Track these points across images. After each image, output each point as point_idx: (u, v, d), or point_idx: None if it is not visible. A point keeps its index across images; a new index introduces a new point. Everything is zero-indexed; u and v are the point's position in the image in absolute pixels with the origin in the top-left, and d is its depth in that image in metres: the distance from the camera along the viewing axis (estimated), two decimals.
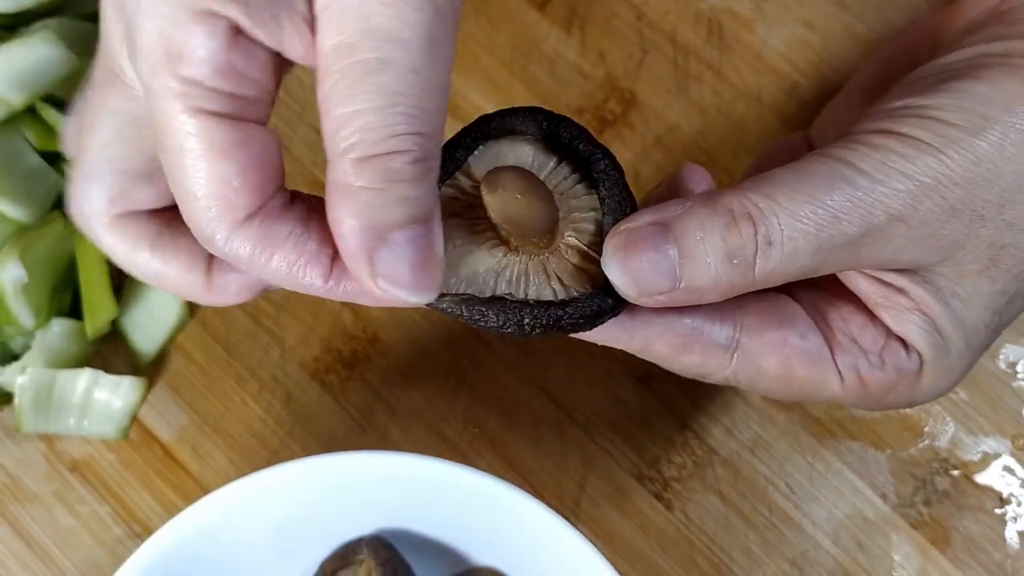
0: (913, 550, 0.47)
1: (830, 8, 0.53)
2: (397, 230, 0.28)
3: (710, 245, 0.30)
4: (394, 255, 0.28)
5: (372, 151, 0.27)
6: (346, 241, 0.28)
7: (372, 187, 0.28)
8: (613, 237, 0.31)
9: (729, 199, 0.31)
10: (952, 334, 0.33)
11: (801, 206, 0.30)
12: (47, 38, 0.47)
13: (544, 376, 0.49)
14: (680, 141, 0.52)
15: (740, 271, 0.30)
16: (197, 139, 0.28)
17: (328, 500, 0.43)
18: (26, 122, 0.48)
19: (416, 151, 0.28)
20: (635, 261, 0.31)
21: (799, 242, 0.30)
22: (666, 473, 0.48)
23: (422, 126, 0.28)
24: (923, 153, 0.31)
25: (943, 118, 0.31)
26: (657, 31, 0.53)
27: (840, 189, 0.30)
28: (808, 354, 0.34)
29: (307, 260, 0.30)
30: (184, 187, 0.29)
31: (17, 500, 0.49)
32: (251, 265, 0.30)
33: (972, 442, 0.48)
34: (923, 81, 0.33)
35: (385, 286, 0.28)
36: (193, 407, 0.50)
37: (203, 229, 0.30)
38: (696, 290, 0.31)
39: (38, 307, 0.47)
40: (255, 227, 0.30)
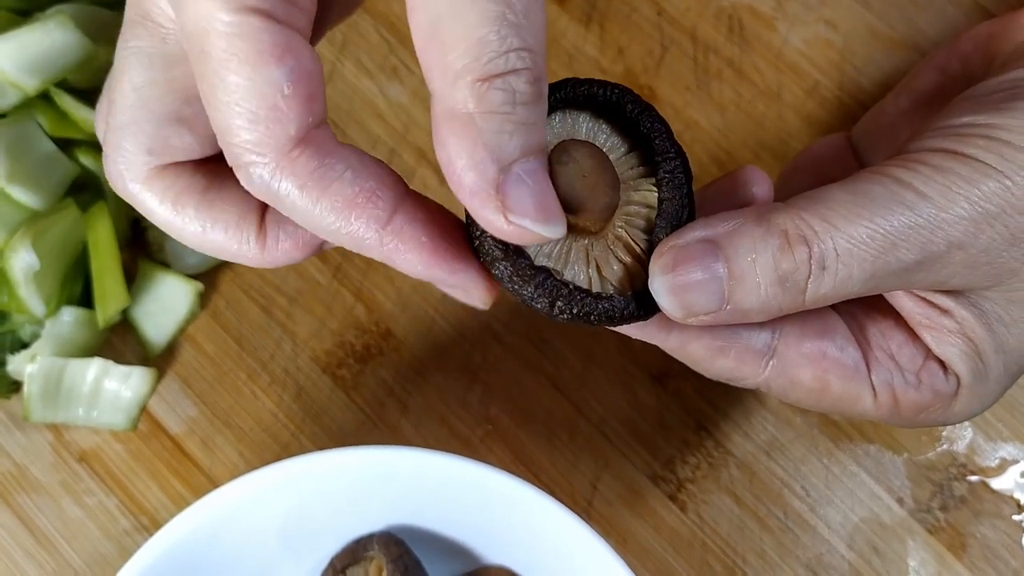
0: (929, 556, 0.46)
1: (852, 7, 0.52)
2: (521, 160, 0.26)
3: (762, 268, 0.29)
4: (522, 187, 0.26)
5: (492, 69, 0.25)
6: (466, 177, 0.26)
7: (494, 112, 0.26)
8: (660, 257, 0.30)
9: (784, 219, 0.29)
10: (993, 360, 0.32)
11: (859, 230, 0.29)
12: (62, 23, 0.47)
13: (558, 373, 0.49)
14: (699, 139, 0.51)
15: (791, 295, 0.29)
16: (243, 41, 0.26)
17: (338, 495, 0.43)
18: (39, 108, 0.48)
19: (533, 68, 0.26)
20: (683, 283, 0.29)
21: (853, 269, 0.29)
22: (680, 474, 0.48)
23: (533, 40, 0.26)
24: (988, 178, 0.29)
25: (1011, 140, 0.30)
26: (677, 27, 0.53)
27: (900, 214, 0.29)
28: (845, 368, 0.33)
29: (364, 200, 0.28)
30: (227, 103, 0.26)
31: (24, 490, 0.49)
32: (299, 203, 0.27)
33: (990, 448, 0.47)
34: (988, 97, 0.32)
35: (516, 219, 0.26)
36: (203, 399, 0.50)
37: (247, 154, 0.27)
38: (743, 312, 0.30)
39: (49, 295, 0.47)
40: (307, 155, 0.27)
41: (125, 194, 0.31)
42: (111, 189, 0.48)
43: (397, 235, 0.28)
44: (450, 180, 0.27)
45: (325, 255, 0.51)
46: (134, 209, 0.50)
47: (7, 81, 0.46)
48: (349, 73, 0.52)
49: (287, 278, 0.51)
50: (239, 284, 0.51)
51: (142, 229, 0.51)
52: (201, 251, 0.32)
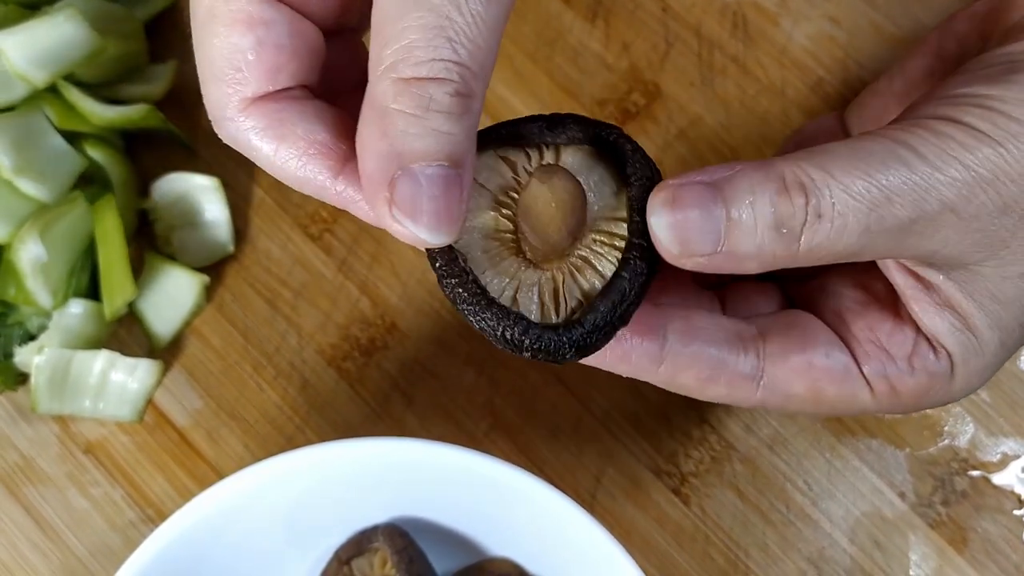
0: (931, 550, 0.46)
1: (856, 3, 0.52)
2: (424, 162, 0.27)
3: (759, 211, 0.29)
4: (415, 187, 0.27)
5: (412, 73, 0.27)
6: (368, 163, 0.28)
7: (405, 111, 0.27)
8: (661, 191, 0.30)
9: (782, 167, 0.30)
10: (987, 335, 0.33)
11: (855, 181, 0.29)
12: (71, 16, 0.47)
13: (562, 367, 0.49)
14: (703, 134, 0.51)
15: (785, 242, 0.29)
16: (225, 6, 0.29)
17: (343, 487, 0.43)
18: (48, 101, 0.48)
19: (458, 83, 0.27)
20: (682, 216, 0.29)
21: (849, 219, 0.29)
22: (684, 468, 0.48)
23: (468, 59, 0.27)
24: (983, 144, 0.30)
25: (1006, 111, 0.30)
26: (682, 24, 0.53)
27: (896, 170, 0.29)
28: (834, 372, 0.34)
29: (316, 152, 0.30)
30: (203, 58, 0.30)
31: (30, 481, 0.49)
32: (258, 151, 0.30)
33: (992, 443, 0.48)
34: (988, 70, 0.32)
35: (400, 217, 0.28)
36: (209, 392, 0.50)
37: (214, 104, 0.30)
38: (738, 256, 0.30)
39: (56, 287, 0.47)
40: (265, 110, 0.30)
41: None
42: (118, 182, 0.49)
43: (348, 182, 0.30)
44: (359, 163, 0.28)
45: (330, 249, 0.51)
46: (141, 202, 0.51)
47: (15, 74, 0.47)
48: None
49: (292, 272, 0.51)
50: (245, 277, 0.51)
51: (149, 222, 0.51)
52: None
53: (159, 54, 0.54)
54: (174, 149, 0.52)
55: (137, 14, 0.52)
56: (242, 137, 0.30)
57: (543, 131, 0.32)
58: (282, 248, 0.51)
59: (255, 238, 0.51)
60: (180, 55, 0.53)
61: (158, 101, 0.52)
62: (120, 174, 0.50)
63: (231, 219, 0.51)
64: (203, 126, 0.53)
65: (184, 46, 0.54)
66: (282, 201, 0.52)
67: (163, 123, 0.51)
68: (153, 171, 0.51)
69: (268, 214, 0.52)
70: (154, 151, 0.52)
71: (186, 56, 0.54)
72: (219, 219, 0.50)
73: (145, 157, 0.52)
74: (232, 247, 0.51)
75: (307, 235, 0.51)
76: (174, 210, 0.50)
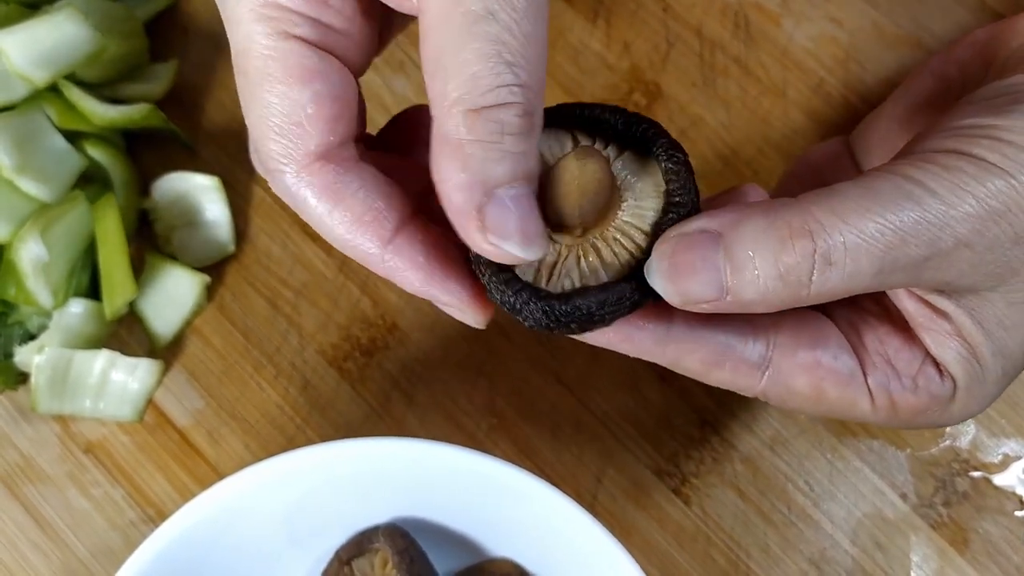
0: (932, 551, 0.46)
1: (858, 4, 0.52)
2: (506, 186, 0.28)
3: (761, 261, 0.29)
4: (504, 211, 0.28)
5: (482, 102, 0.27)
6: (454, 197, 0.28)
7: (482, 140, 0.28)
8: (663, 244, 0.30)
9: (790, 212, 0.29)
10: (990, 362, 0.33)
11: (868, 225, 0.29)
12: (71, 16, 0.47)
13: (563, 368, 0.49)
14: (704, 135, 0.51)
15: (792, 289, 0.29)
16: (277, 63, 0.29)
17: (344, 487, 0.43)
18: (48, 100, 0.48)
19: (524, 103, 0.28)
20: (681, 270, 0.30)
21: (862, 263, 0.29)
22: (685, 468, 0.48)
23: (528, 78, 0.28)
24: (994, 176, 0.30)
25: (1015, 141, 0.30)
26: (683, 24, 0.53)
27: (909, 209, 0.29)
28: (839, 376, 0.34)
29: (371, 219, 0.30)
30: (259, 114, 0.30)
31: (30, 481, 0.49)
32: (313, 211, 0.30)
33: (993, 444, 0.48)
34: (991, 102, 0.32)
35: (496, 240, 0.28)
36: (209, 392, 0.50)
37: (273, 158, 0.30)
38: (743, 304, 0.30)
39: (57, 286, 0.47)
40: (327, 170, 0.30)
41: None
42: (118, 182, 0.49)
43: (397, 253, 0.31)
44: (441, 198, 0.29)
45: (331, 249, 0.51)
46: (142, 201, 0.51)
47: (16, 73, 0.47)
48: None
49: (293, 271, 0.51)
50: (246, 277, 0.51)
51: (149, 221, 0.51)
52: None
53: (160, 53, 0.54)
54: (175, 148, 0.52)
55: (138, 13, 0.52)
56: (300, 193, 0.31)
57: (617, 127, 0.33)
58: (283, 248, 0.51)
59: (256, 238, 0.51)
60: (181, 54, 0.53)
61: (159, 100, 0.52)
62: (121, 173, 0.50)
63: (232, 219, 0.51)
64: (204, 125, 0.53)
65: (185, 45, 0.54)
66: (283, 201, 0.52)
67: (164, 122, 0.51)
68: (154, 170, 0.51)
69: (269, 214, 0.52)
70: (155, 150, 0.52)
71: (187, 55, 0.54)
72: (220, 219, 0.50)
73: (146, 156, 0.52)
74: (233, 247, 0.51)
75: (308, 235, 0.51)
76: (175, 209, 0.50)
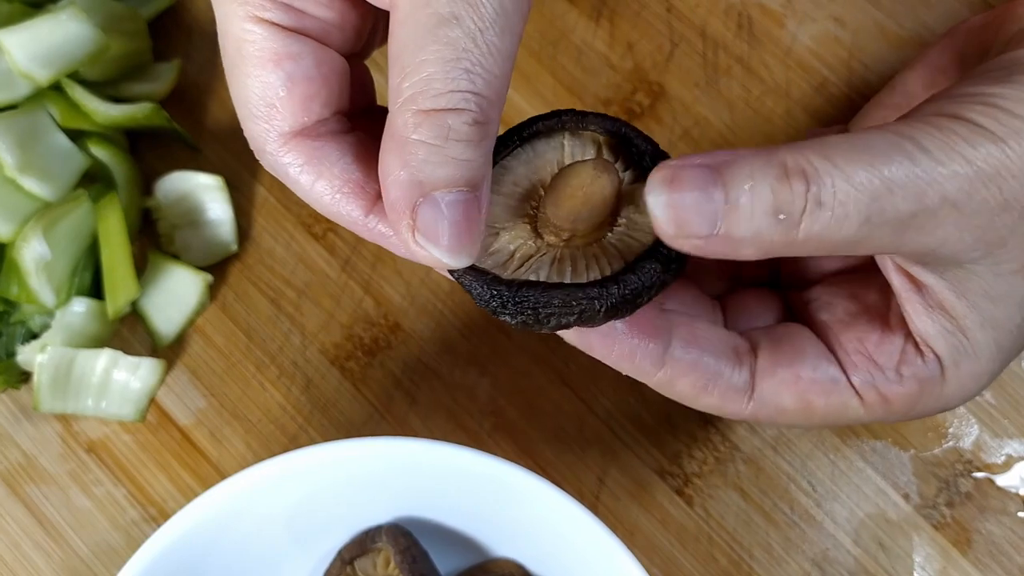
0: (935, 551, 0.46)
1: (862, 4, 0.52)
2: (444, 190, 0.28)
3: (758, 196, 0.29)
4: (436, 214, 0.28)
5: (432, 104, 0.28)
6: (391, 191, 0.29)
7: (426, 142, 0.28)
8: (660, 171, 0.30)
9: (785, 153, 0.29)
10: (979, 335, 0.33)
11: (858, 171, 0.29)
12: (74, 15, 0.47)
13: (566, 367, 0.49)
14: (708, 135, 0.51)
15: (783, 228, 0.29)
16: (252, 45, 0.30)
17: (346, 487, 0.43)
18: (51, 99, 0.48)
19: (476, 112, 0.28)
20: (679, 197, 0.29)
21: (850, 208, 0.29)
22: (687, 468, 0.48)
23: (484, 88, 0.28)
24: (986, 140, 0.30)
25: (1009, 108, 0.30)
26: (687, 24, 0.53)
27: (899, 162, 0.29)
28: (822, 385, 0.34)
29: (352, 189, 0.31)
30: (237, 96, 0.31)
31: (32, 480, 0.49)
32: (297, 184, 0.31)
33: (996, 444, 0.47)
34: (991, 73, 0.33)
35: (422, 242, 0.29)
36: (211, 391, 0.50)
37: (255, 139, 0.31)
38: (734, 240, 0.29)
39: (59, 285, 0.47)
40: (305, 144, 0.31)
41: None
42: (121, 181, 0.49)
43: (380, 218, 0.32)
44: (382, 192, 0.29)
45: (333, 248, 0.51)
46: (145, 200, 0.51)
47: (19, 72, 0.47)
48: None
49: (296, 271, 0.51)
50: (248, 276, 0.51)
51: (152, 221, 0.51)
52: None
53: (163, 52, 0.54)
54: (178, 148, 0.52)
55: (141, 12, 0.52)
56: (282, 171, 0.32)
57: (644, 157, 0.33)
58: (286, 247, 0.51)
59: (259, 237, 0.51)
60: (184, 53, 0.53)
61: (162, 99, 0.52)
62: (124, 172, 0.50)
63: (235, 218, 0.51)
64: (207, 125, 0.53)
65: (188, 44, 0.54)
66: (285, 200, 0.52)
67: (167, 122, 0.50)
68: (157, 169, 0.51)
69: (272, 213, 0.52)
70: (158, 149, 0.52)
71: (190, 54, 0.54)
72: (223, 218, 0.50)
73: (149, 155, 0.52)
74: (235, 246, 0.51)
75: (310, 234, 0.51)
76: (178, 209, 0.50)
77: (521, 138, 0.33)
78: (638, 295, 0.31)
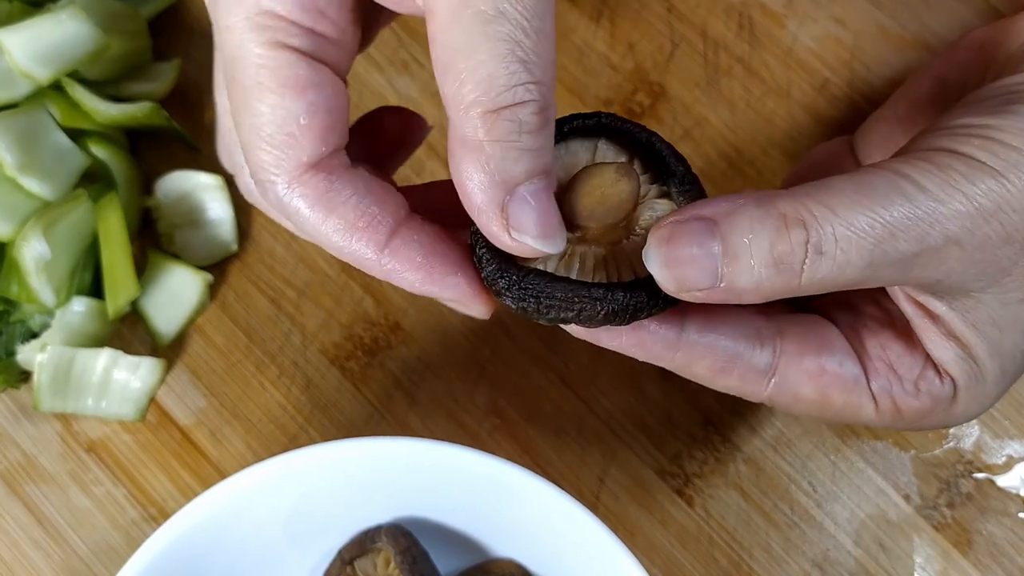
0: (935, 552, 0.46)
1: (863, 5, 0.52)
2: (525, 183, 0.29)
3: (757, 248, 0.29)
4: (525, 206, 0.29)
5: (499, 103, 0.28)
6: (476, 197, 0.29)
7: (501, 140, 0.28)
8: (658, 229, 0.30)
9: (783, 202, 0.30)
10: (988, 363, 0.33)
11: (858, 217, 0.29)
12: (75, 14, 0.47)
13: (566, 367, 0.49)
14: (709, 135, 0.51)
15: (785, 277, 0.30)
16: (271, 73, 0.29)
17: (346, 486, 0.43)
18: (51, 98, 0.48)
19: (540, 99, 0.28)
20: (677, 255, 0.30)
21: (852, 255, 0.29)
22: (688, 469, 0.48)
23: (541, 74, 0.28)
24: (985, 175, 0.30)
25: (1007, 141, 0.30)
26: (687, 24, 0.53)
27: (900, 205, 0.29)
28: (844, 382, 0.34)
29: (365, 224, 0.31)
30: (251, 124, 0.30)
31: (32, 480, 0.49)
32: (307, 220, 0.30)
33: (997, 445, 0.48)
34: (984, 102, 0.33)
35: (519, 236, 0.29)
36: (212, 391, 0.50)
37: (265, 172, 0.30)
38: (737, 291, 0.30)
39: (59, 285, 0.47)
40: (319, 179, 0.30)
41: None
42: (121, 180, 0.49)
43: (394, 256, 0.31)
44: (462, 198, 0.29)
45: None
46: (145, 199, 0.51)
47: (19, 71, 0.47)
48: (359, 66, 0.53)
49: (296, 271, 0.51)
50: (248, 276, 0.51)
51: (152, 220, 0.51)
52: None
53: (163, 52, 0.54)
54: (178, 147, 0.52)
55: (141, 12, 0.52)
56: (292, 204, 0.30)
57: (675, 171, 0.33)
58: (286, 247, 0.51)
59: (259, 236, 0.51)
60: (184, 53, 0.53)
61: (162, 99, 0.52)
62: (124, 172, 0.50)
63: (235, 217, 0.51)
64: (206, 124, 0.53)
65: (188, 44, 0.54)
66: None
67: (167, 121, 0.51)
68: (157, 169, 0.51)
69: None
70: (158, 149, 0.52)
71: (190, 54, 0.54)
72: (223, 217, 0.50)
73: (149, 155, 0.52)
74: (236, 245, 0.51)
75: None
76: (178, 208, 0.50)
77: (561, 133, 0.33)
78: (639, 309, 0.31)
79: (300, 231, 0.32)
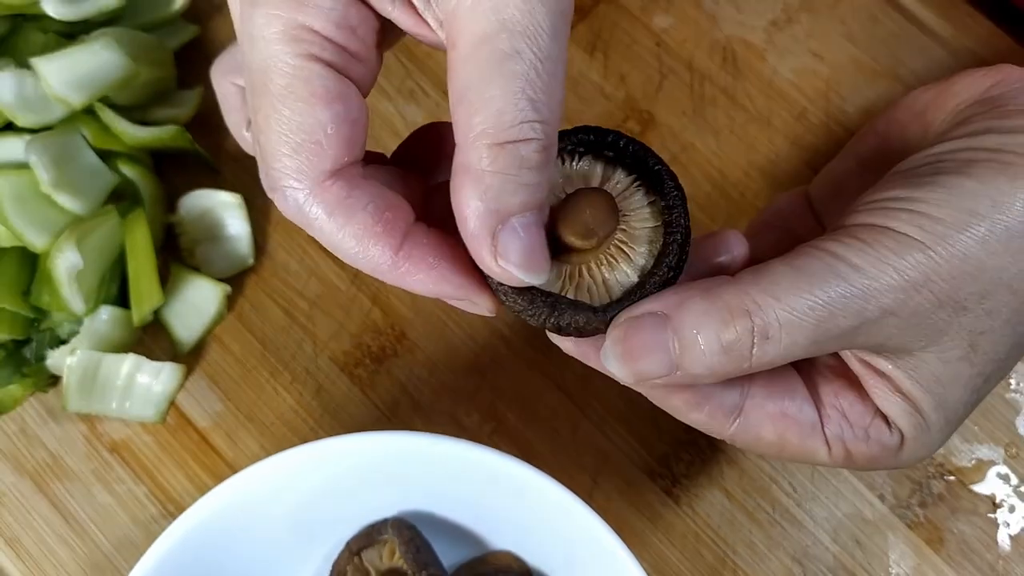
0: (909, 549, 0.49)
1: (839, 40, 0.56)
2: (519, 214, 0.30)
3: (705, 339, 0.31)
4: (515, 237, 0.30)
5: (504, 137, 0.29)
6: (470, 222, 0.30)
7: (502, 172, 0.29)
8: (615, 329, 0.32)
9: (728, 294, 0.32)
10: (933, 416, 0.35)
11: (799, 302, 0.31)
12: (108, 45, 0.50)
13: (561, 374, 0.52)
14: (695, 160, 0.55)
15: (735, 361, 0.32)
16: (303, 83, 0.30)
17: (353, 481, 0.45)
18: (84, 122, 0.51)
19: (543, 139, 0.29)
20: (632, 352, 0.32)
21: (796, 336, 0.31)
22: (675, 470, 0.50)
23: (548, 114, 0.29)
24: (913, 249, 0.32)
25: (932, 213, 0.32)
26: (675, 57, 0.56)
27: (836, 285, 0.31)
28: (802, 427, 0.36)
29: (382, 230, 0.31)
30: (277, 132, 0.30)
31: (58, 478, 0.51)
32: (326, 228, 0.31)
33: (967, 449, 0.50)
34: (914, 171, 0.34)
35: (504, 265, 0.30)
36: (228, 395, 0.52)
37: (284, 173, 0.31)
38: (692, 376, 0.32)
39: (88, 294, 0.50)
40: (339, 186, 0.31)
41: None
42: (147, 198, 0.52)
43: (408, 259, 0.32)
44: (458, 220, 0.30)
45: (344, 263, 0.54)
46: (168, 216, 0.53)
47: (55, 97, 0.50)
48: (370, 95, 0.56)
49: (308, 284, 0.54)
50: (263, 288, 0.54)
51: (175, 235, 0.54)
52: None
53: (187, 80, 0.57)
54: (200, 168, 0.55)
55: (168, 43, 0.56)
56: (311, 210, 0.31)
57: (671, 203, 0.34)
58: (299, 261, 0.54)
59: (274, 252, 0.54)
60: (206, 81, 0.57)
61: (185, 123, 0.55)
62: (149, 190, 0.53)
63: (252, 234, 0.54)
64: (227, 147, 0.56)
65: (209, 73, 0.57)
66: None
67: (190, 144, 0.54)
68: (180, 188, 0.54)
69: (286, 229, 0.55)
70: (181, 169, 0.55)
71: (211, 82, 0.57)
72: (240, 233, 0.53)
73: (173, 175, 0.55)
74: (252, 260, 0.54)
75: (323, 250, 0.53)
76: (199, 224, 0.53)
77: (568, 148, 0.34)
78: (581, 330, 0.33)
79: (316, 235, 0.32)
